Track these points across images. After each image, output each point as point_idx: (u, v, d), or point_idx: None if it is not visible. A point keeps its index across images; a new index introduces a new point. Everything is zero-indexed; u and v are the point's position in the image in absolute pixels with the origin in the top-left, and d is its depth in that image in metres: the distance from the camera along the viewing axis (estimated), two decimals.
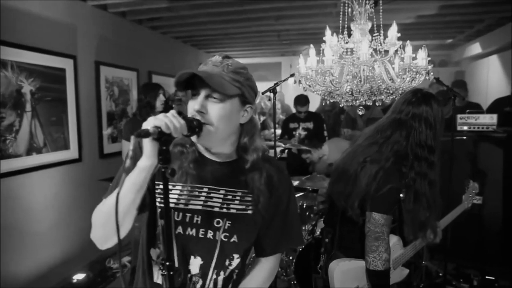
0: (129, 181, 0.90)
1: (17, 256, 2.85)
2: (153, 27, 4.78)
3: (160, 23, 4.63)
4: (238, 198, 1.10)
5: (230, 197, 1.09)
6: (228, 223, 1.08)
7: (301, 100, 4.37)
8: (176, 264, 1.07)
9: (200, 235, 1.06)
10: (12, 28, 2.78)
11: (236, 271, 1.13)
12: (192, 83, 1.02)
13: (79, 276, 3.25)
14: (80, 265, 3.46)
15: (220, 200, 1.08)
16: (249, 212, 1.10)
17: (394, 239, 1.71)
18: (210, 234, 1.07)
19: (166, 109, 3.22)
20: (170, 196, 1.05)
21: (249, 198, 1.11)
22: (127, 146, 3.64)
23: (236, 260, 1.11)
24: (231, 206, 1.09)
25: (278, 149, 3.23)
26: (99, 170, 3.70)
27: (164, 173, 0.83)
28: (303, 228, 3.34)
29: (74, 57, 3.40)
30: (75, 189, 3.40)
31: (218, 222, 1.07)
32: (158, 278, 1.09)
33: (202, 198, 1.08)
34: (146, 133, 0.83)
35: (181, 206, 1.06)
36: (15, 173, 2.81)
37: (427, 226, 1.70)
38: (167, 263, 0.81)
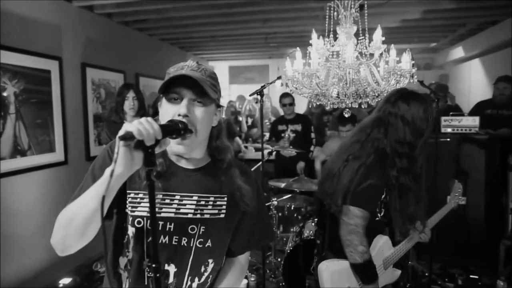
0: (95, 189, 0.90)
1: (1, 261, 2.79)
2: (140, 28, 4.76)
3: (147, 25, 4.61)
4: (210, 203, 1.10)
5: (203, 202, 1.10)
6: (203, 229, 1.08)
7: (285, 95, 4.42)
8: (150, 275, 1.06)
9: (174, 242, 1.06)
10: None
11: (211, 276, 1.15)
12: (170, 87, 1.02)
13: (65, 281, 3.20)
14: (67, 269, 3.41)
15: (194, 207, 1.08)
16: (222, 216, 1.11)
17: (383, 239, 1.74)
18: (184, 241, 1.07)
19: (139, 110, 3.15)
20: (142, 205, 1.06)
21: (221, 202, 1.12)
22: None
23: (210, 265, 1.13)
24: (205, 211, 1.09)
25: (265, 151, 3.24)
26: (86, 172, 3.65)
27: (149, 175, 0.82)
28: (291, 229, 3.36)
29: (59, 58, 3.36)
30: (61, 192, 3.35)
31: (192, 229, 1.08)
32: (125, 286, 1.08)
33: (175, 206, 1.08)
34: (131, 136, 0.81)
35: None
36: None
37: (416, 218, 1.74)
38: (153, 265, 0.81)
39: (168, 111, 1.02)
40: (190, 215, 1.08)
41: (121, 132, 0.81)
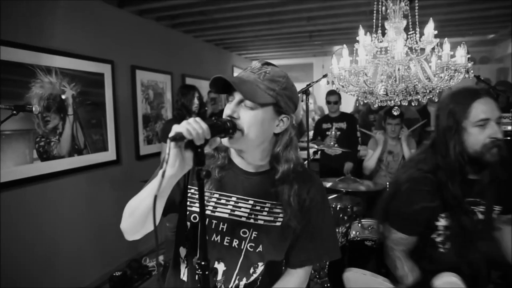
0: (151, 188, 0.97)
1: (60, 252, 3.00)
2: (186, 31, 4.89)
3: (193, 27, 4.73)
4: (266, 209, 1.09)
5: (258, 208, 1.09)
6: (255, 234, 1.08)
7: (331, 92, 4.34)
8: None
9: (225, 243, 1.07)
10: (55, 36, 2.94)
11: (260, 277, 1.12)
12: (229, 87, 1.01)
13: (117, 273, 3.36)
14: (118, 262, 3.58)
15: (248, 210, 1.08)
16: (278, 224, 1.09)
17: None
18: (235, 243, 1.07)
19: (200, 109, 3.27)
20: (196, 200, 1.08)
21: (278, 210, 1.10)
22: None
23: (260, 268, 1.10)
24: (259, 217, 1.08)
25: (311, 150, 3.20)
26: (136, 171, 3.82)
27: (199, 175, 0.83)
28: (337, 230, 3.29)
29: (111, 62, 3.53)
30: (115, 189, 3.53)
31: (244, 232, 1.07)
32: (183, 275, 1.12)
33: (230, 207, 1.08)
34: (182, 137, 0.82)
35: (208, 212, 1.08)
36: (59, 174, 2.96)
37: None
38: (203, 263, 0.82)
39: (225, 109, 1.03)
40: (243, 219, 1.07)
41: (171, 134, 0.83)
